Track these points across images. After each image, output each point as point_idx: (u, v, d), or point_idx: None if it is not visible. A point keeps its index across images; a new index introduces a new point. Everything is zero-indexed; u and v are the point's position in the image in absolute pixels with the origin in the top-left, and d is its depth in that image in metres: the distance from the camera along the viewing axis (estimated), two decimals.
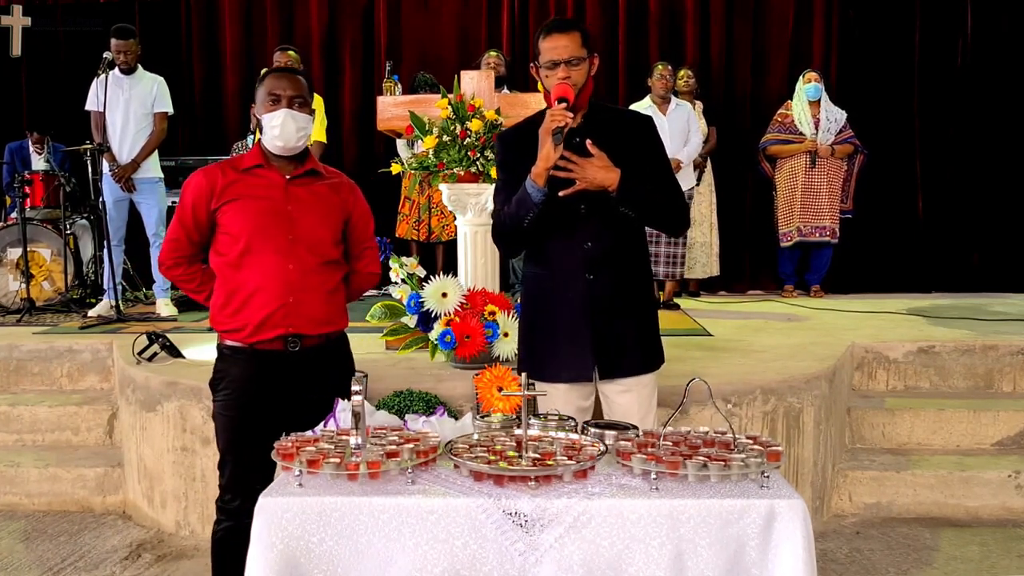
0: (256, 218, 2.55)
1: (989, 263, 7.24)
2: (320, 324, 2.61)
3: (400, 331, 4.13)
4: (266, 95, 2.60)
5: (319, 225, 2.61)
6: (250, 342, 2.57)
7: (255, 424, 2.57)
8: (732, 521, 1.82)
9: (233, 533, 2.60)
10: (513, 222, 2.57)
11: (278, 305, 2.54)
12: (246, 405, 2.59)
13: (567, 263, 2.62)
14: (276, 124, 2.56)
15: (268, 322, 2.55)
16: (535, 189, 2.50)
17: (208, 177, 2.59)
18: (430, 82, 6.16)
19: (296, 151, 2.63)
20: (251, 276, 2.55)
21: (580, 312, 2.62)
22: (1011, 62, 7.15)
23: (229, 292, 2.58)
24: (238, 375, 2.59)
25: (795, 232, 6.68)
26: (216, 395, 2.65)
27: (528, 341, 2.76)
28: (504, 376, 3.44)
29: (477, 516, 1.84)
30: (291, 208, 2.58)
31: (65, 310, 5.88)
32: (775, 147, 6.75)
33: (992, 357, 4.59)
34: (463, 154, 3.88)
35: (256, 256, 2.55)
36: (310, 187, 2.64)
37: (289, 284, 2.55)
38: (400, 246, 6.69)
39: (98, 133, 5.73)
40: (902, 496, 3.97)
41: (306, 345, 2.59)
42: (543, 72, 2.59)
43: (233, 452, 2.61)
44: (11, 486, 4.13)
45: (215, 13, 7.89)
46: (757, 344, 4.64)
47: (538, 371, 2.67)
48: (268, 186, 2.59)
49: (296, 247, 2.56)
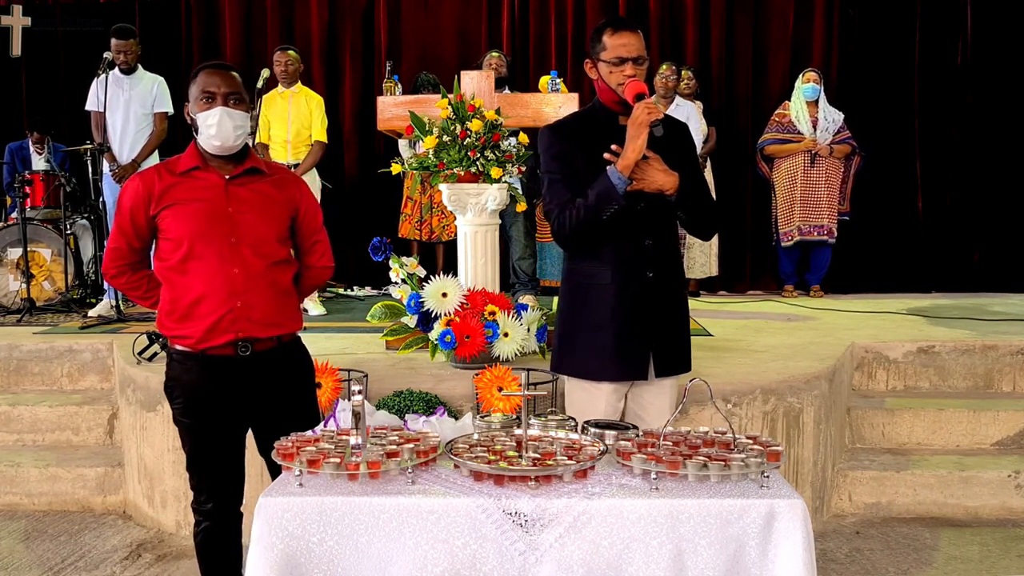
0: (196, 222, 2.44)
1: (989, 263, 7.24)
2: (270, 327, 2.52)
3: (400, 331, 4.14)
4: (199, 93, 2.50)
5: (262, 224, 2.50)
6: (200, 348, 2.49)
7: (213, 428, 2.54)
8: (732, 521, 1.82)
9: (212, 534, 2.61)
10: (590, 215, 2.50)
11: (225, 311, 2.45)
12: (202, 411, 2.53)
13: (628, 260, 2.59)
14: (212, 123, 2.46)
15: (216, 328, 2.46)
16: (621, 181, 2.46)
17: (145, 182, 2.49)
18: (433, 82, 6.16)
19: (234, 150, 2.52)
20: (195, 282, 2.46)
21: (639, 310, 2.60)
22: (1011, 61, 7.15)
23: (174, 298, 2.50)
24: (190, 382, 2.53)
25: (795, 231, 6.68)
26: (172, 403, 2.59)
27: (572, 338, 2.68)
28: (504, 376, 3.44)
29: (477, 516, 1.84)
30: (232, 209, 2.47)
31: (65, 310, 5.88)
32: (773, 147, 6.75)
33: (992, 357, 4.59)
34: (463, 154, 3.88)
35: (199, 261, 2.45)
36: (251, 186, 2.53)
37: (234, 288, 2.45)
38: (400, 246, 6.69)
39: (98, 133, 5.73)
40: (902, 496, 3.97)
41: (257, 349, 2.51)
42: (606, 67, 2.57)
43: (199, 457, 2.58)
44: (11, 486, 4.13)
45: (215, 13, 7.89)
46: (757, 344, 4.64)
47: (581, 368, 2.63)
48: (207, 188, 2.48)
49: (240, 249, 2.46)
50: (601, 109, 2.66)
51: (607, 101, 2.63)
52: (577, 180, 2.55)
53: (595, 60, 2.61)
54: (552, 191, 2.61)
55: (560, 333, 2.73)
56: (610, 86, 2.58)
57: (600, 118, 2.66)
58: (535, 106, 4.20)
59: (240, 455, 2.63)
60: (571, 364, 2.68)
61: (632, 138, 2.45)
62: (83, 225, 6.62)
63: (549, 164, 2.64)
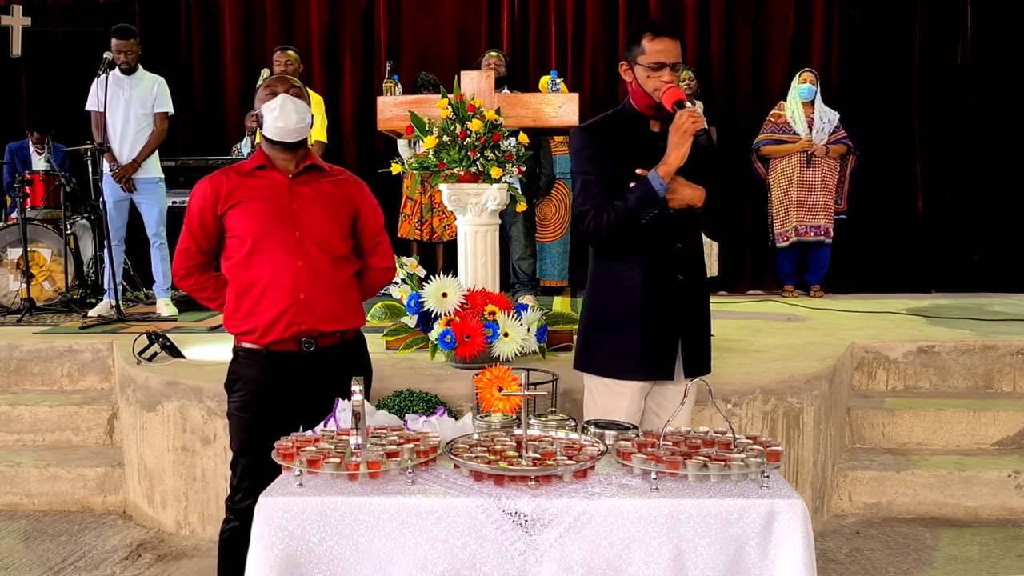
0: (261, 218, 2.56)
1: (989, 263, 7.24)
2: (333, 321, 2.61)
3: (400, 331, 4.14)
4: (264, 91, 2.65)
5: (326, 221, 2.61)
6: (264, 343, 2.58)
7: (269, 426, 2.55)
8: (732, 521, 1.82)
9: (240, 534, 2.60)
10: (630, 218, 2.51)
11: (289, 302, 2.55)
12: (260, 407, 2.59)
13: (659, 263, 2.61)
14: (276, 106, 2.58)
15: (280, 320, 2.55)
16: (663, 186, 2.48)
17: (213, 184, 2.61)
18: (433, 82, 6.16)
19: (298, 136, 2.62)
20: (260, 275, 2.56)
21: (668, 311, 2.61)
22: (1011, 61, 7.15)
23: (240, 293, 2.59)
24: (253, 377, 2.60)
25: (792, 232, 6.68)
26: (231, 396, 2.66)
27: (600, 337, 2.69)
28: (504, 376, 3.44)
29: (477, 516, 1.84)
30: (296, 206, 2.59)
31: (65, 310, 5.88)
32: (768, 147, 6.75)
33: (992, 357, 4.59)
34: (463, 154, 3.88)
35: (264, 255, 2.55)
36: (314, 184, 2.65)
37: (299, 280, 2.55)
38: (400, 246, 6.69)
39: (98, 133, 5.72)
40: (902, 496, 3.97)
41: (321, 345, 2.60)
42: (643, 72, 2.57)
43: (247, 453, 2.61)
44: (11, 486, 4.13)
45: (215, 13, 7.89)
46: (757, 344, 4.64)
47: (608, 367, 2.64)
48: (271, 186, 2.61)
49: (304, 244, 2.57)
50: (632, 112, 2.66)
51: (640, 105, 2.63)
52: (611, 182, 2.55)
53: (631, 63, 2.60)
54: (586, 193, 2.60)
55: (586, 332, 2.74)
56: (646, 91, 2.58)
57: (631, 121, 2.65)
58: (535, 106, 4.20)
59: None
60: (598, 362, 2.68)
61: (677, 145, 2.47)
62: (83, 225, 6.62)
63: (583, 166, 2.62)
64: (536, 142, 5.54)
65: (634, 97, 2.64)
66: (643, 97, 2.60)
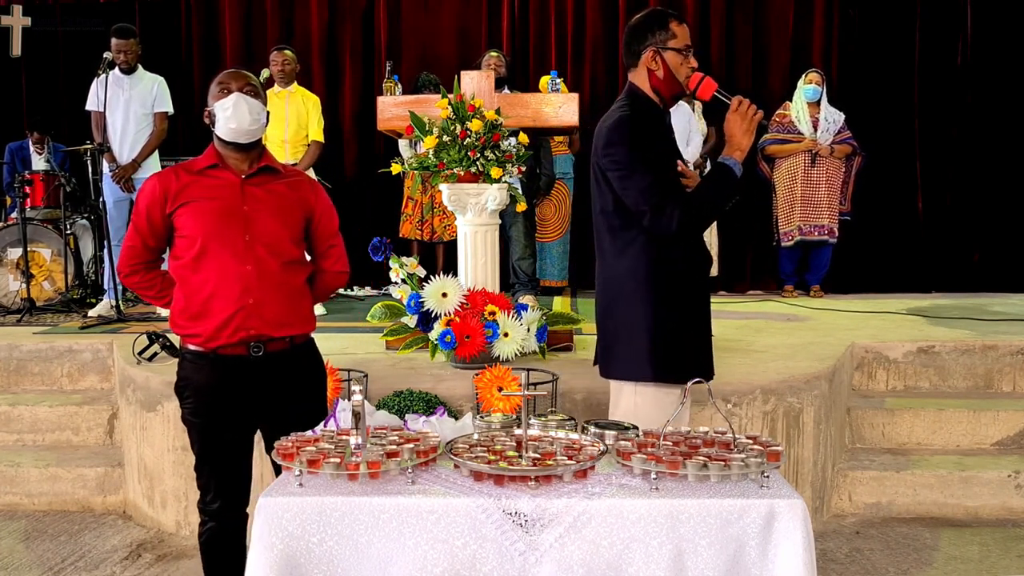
0: (211, 219, 2.47)
1: (989, 263, 7.24)
2: (282, 327, 2.53)
3: (400, 331, 4.14)
4: (216, 88, 2.55)
5: (277, 224, 2.52)
6: (211, 347, 2.50)
7: (225, 429, 2.55)
8: (732, 521, 1.82)
9: (217, 534, 2.61)
10: (722, 205, 2.51)
11: (237, 308, 2.46)
12: (213, 412, 2.54)
13: (700, 257, 2.59)
14: (228, 106, 2.48)
15: (227, 325, 2.47)
16: (741, 170, 2.48)
17: (162, 181, 2.52)
18: (434, 82, 6.16)
19: (251, 137, 2.53)
20: (208, 279, 2.47)
21: (708, 309, 2.61)
22: (1011, 61, 7.15)
23: (187, 296, 2.51)
24: (201, 382, 2.53)
25: (796, 231, 6.68)
26: (182, 402, 2.60)
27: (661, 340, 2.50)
28: (504, 376, 3.44)
29: (477, 516, 1.84)
30: (247, 208, 2.50)
31: (65, 310, 5.88)
32: (773, 147, 6.75)
33: (992, 357, 4.59)
34: (463, 154, 3.89)
35: (212, 258, 2.47)
36: (266, 186, 2.55)
37: (247, 286, 2.46)
38: (400, 246, 6.69)
39: (98, 133, 5.72)
40: (902, 496, 3.97)
41: (269, 350, 2.52)
42: (675, 57, 2.51)
43: (208, 457, 2.59)
44: (11, 486, 4.13)
45: (215, 13, 7.89)
46: (757, 344, 4.64)
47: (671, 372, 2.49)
48: (222, 186, 2.51)
49: (254, 247, 2.48)
50: (647, 103, 2.55)
51: (666, 93, 2.54)
52: (665, 176, 2.49)
53: (660, 49, 2.50)
54: (661, 186, 2.43)
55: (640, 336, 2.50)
56: (677, 77, 2.52)
57: (651, 112, 2.55)
58: (535, 106, 4.20)
59: (248, 456, 2.64)
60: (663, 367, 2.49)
61: (747, 132, 2.47)
62: (83, 225, 6.62)
63: (641, 157, 2.45)
64: (536, 142, 5.54)
65: (660, 86, 2.52)
66: (672, 85, 2.52)
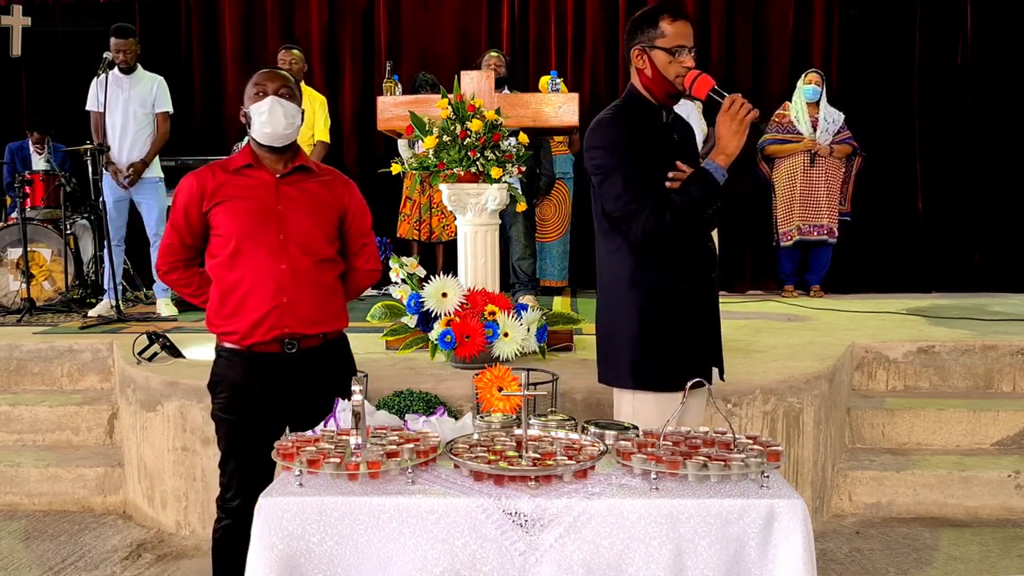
0: (246, 219, 2.52)
1: (989, 263, 7.24)
2: (316, 324, 2.58)
3: (400, 331, 4.14)
4: (252, 88, 2.59)
5: (311, 223, 2.57)
6: (246, 344, 2.55)
7: (255, 426, 2.56)
8: (732, 521, 1.82)
9: (233, 532, 2.60)
10: (696, 214, 2.40)
11: (271, 306, 2.51)
12: (244, 408, 2.57)
13: (698, 263, 2.52)
14: (264, 111, 2.52)
15: (262, 323, 2.52)
16: (724, 176, 2.39)
17: (199, 180, 2.57)
18: (432, 82, 6.16)
19: (286, 141, 2.57)
20: (243, 277, 2.52)
21: (708, 312, 2.56)
22: (1011, 61, 7.15)
23: (223, 294, 2.56)
24: (235, 378, 2.58)
25: (795, 231, 6.68)
26: (215, 398, 2.64)
27: (654, 349, 2.48)
28: (504, 376, 3.44)
29: (477, 516, 1.83)
30: (281, 207, 2.54)
31: (65, 310, 5.88)
32: (773, 147, 6.76)
33: (992, 357, 4.59)
34: (463, 154, 3.88)
35: (247, 257, 2.52)
36: (301, 185, 2.60)
37: (282, 284, 2.51)
38: (400, 246, 6.69)
39: (97, 133, 5.72)
40: (902, 496, 3.97)
41: (303, 347, 2.57)
42: (663, 56, 2.42)
43: (234, 453, 2.61)
44: (11, 486, 4.13)
45: (215, 13, 7.89)
46: (757, 344, 4.64)
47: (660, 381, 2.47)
48: (257, 186, 2.56)
49: (288, 246, 2.52)
50: (642, 102, 2.50)
51: (657, 93, 2.48)
52: (647, 177, 2.40)
53: (647, 47, 2.44)
54: (634, 191, 2.39)
55: (628, 344, 2.50)
56: (666, 77, 2.43)
57: (644, 111, 2.50)
58: (535, 106, 4.20)
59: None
60: (649, 376, 2.48)
61: (735, 133, 2.37)
62: (83, 225, 6.62)
63: (619, 160, 2.41)
64: (536, 142, 5.54)
65: (650, 84, 2.47)
66: (661, 84, 2.45)
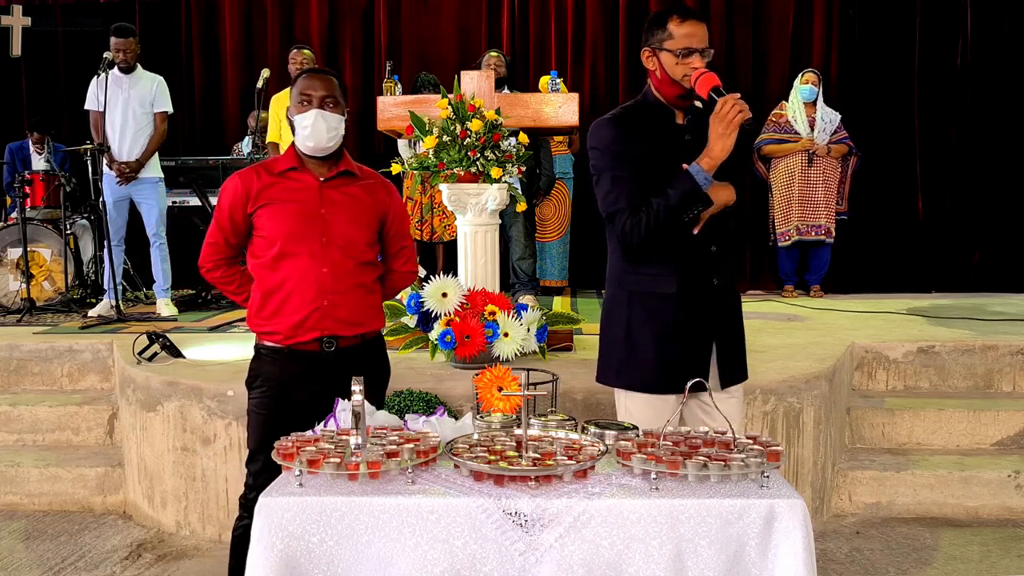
0: (290, 221, 2.56)
1: (989, 263, 7.24)
2: (355, 326, 2.63)
3: (400, 331, 4.14)
4: (298, 96, 2.60)
5: (353, 227, 2.61)
6: (286, 344, 2.60)
7: (287, 423, 2.56)
8: (732, 521, 1.82)
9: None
10: (670, 217, 2.35)
11: (313, 308, 2.56)
12: (280, 404, 2.61)
13: (694, 267, 2.46)
14: (307, 124, 2.56)
15: (303, 325, 2.57)
16: (707, 181, 2.33)
17: (244, 181, 2.60)
18: (432, 82, 6.16)
19: (329, 151, 2.61)
20: (286, 279, 2.57)
21: (705, 319, 2.48)
22: (1011, 62, 7.15)
23: (265, 294, 2.61)
24: (273, 374, 2.62)
25: (793, 231, 6.68)
26: (251, 393, 2.67)
27: (634, 350, 2.48)
28: (504, 376, 3.44)
29: (477, 516, 1.83)
30: (325, 211, 2.59)
31: (65, 310, 5.88)
32: (770, 147, 6.76)
33: (992, 357, 4.59)
34: (463, 154, 3.89)
35: (291, 259, 2.56)
36: (344, 189, 2.64)
37: (323, 287, 2.56)
38: None
39: (97, 133, 5.72)
40: (902, 496, 3.97)
41: (342, 346, 2.61)
42: (670, 58, 2.42)
43: (264, 451, 2.61)
44: (11, 486, 4.13)
45: (215, 13, 7.89)
46: (757, 344, 4.64)
47: (646, 382, 2.47)
48: (302, 189, 2.60)
49: (330, 249, 2.57)
50: (655, 103, 2.50)
51: (667, 95, 2.46)
52: (642, 179, 2.38)
53: (656, 49, 2.44)
54: (619, 191, 2.40)
55: (617, 344, 2.52)
56: (674, 78, 2.42)
57: (655, 112, 2.49)
58: (535, 106, 4.20)
59: None
60: (634, 377, 2.50)
61: (722, 136, 2.34)
62: (83, 225, 6.63)
63: (611, 161, 2.42)
64: (536, 142, 5.55)
65: (659, 86, 2.46)
66: (670, 86, 2.44)
